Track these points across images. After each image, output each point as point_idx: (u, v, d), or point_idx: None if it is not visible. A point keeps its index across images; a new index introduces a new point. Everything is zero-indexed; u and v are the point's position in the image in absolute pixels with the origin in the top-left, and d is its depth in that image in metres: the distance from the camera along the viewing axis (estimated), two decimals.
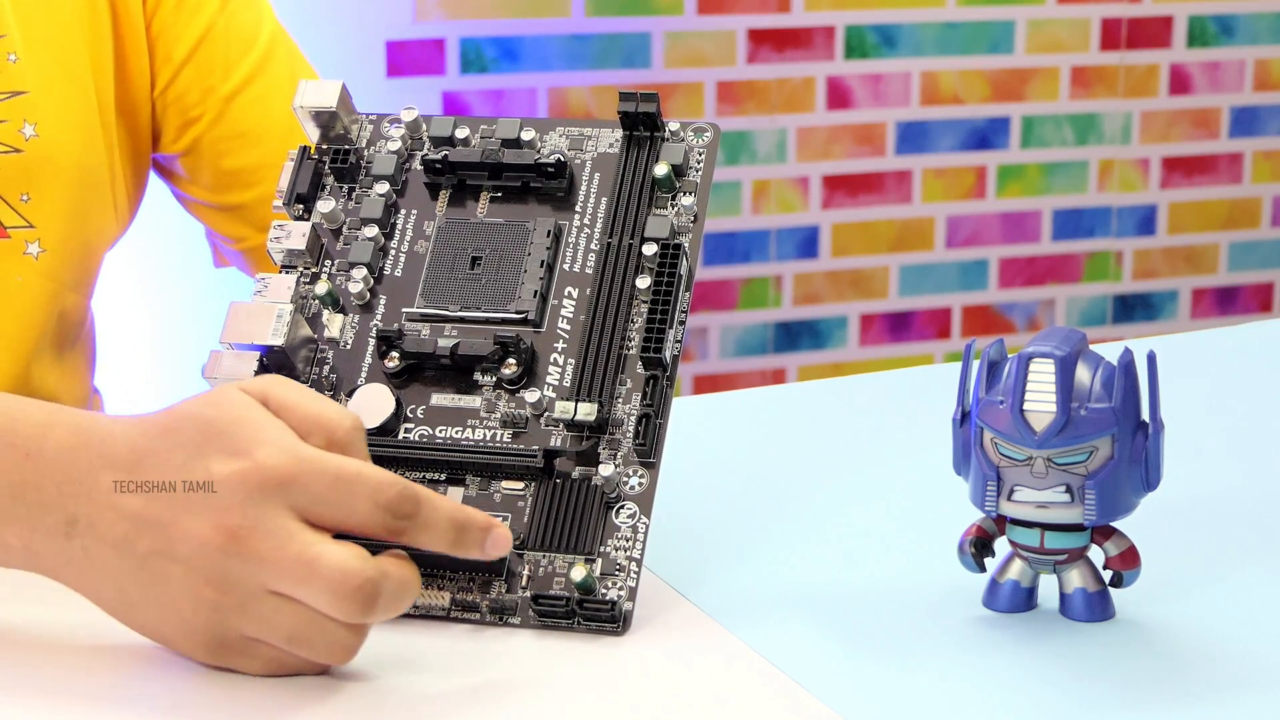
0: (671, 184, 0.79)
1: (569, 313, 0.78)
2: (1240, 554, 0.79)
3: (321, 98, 0.82)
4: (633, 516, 0.74)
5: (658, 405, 0.75)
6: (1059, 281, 2.52)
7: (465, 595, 0.73)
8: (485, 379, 0.77)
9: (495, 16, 2.23)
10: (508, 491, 0.75)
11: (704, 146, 0.80)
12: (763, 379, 2.41)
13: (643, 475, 0.74)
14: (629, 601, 0.72)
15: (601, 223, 0.79)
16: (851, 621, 0.73)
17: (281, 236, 0.80)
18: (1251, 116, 2.54)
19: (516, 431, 0.75)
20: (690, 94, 2.31)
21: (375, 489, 0.66)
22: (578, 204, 0.80)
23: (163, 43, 1.03)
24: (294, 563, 0.65)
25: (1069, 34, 2.44)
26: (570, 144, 0.81)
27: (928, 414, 0.88)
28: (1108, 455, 0.69)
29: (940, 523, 0.78)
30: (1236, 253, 2.58)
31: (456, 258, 0.79)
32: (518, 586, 0.73)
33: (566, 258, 0.79)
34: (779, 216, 2.38)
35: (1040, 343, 0.70)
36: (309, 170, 0.82)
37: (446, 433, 0.76)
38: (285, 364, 0.77)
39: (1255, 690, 0.67)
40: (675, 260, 0.77)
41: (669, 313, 0.76)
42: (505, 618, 0.73)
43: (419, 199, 0.81)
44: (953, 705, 0.66)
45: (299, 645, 0.66)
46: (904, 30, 2.38)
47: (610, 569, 0.73)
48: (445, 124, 0.82)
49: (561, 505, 0.74)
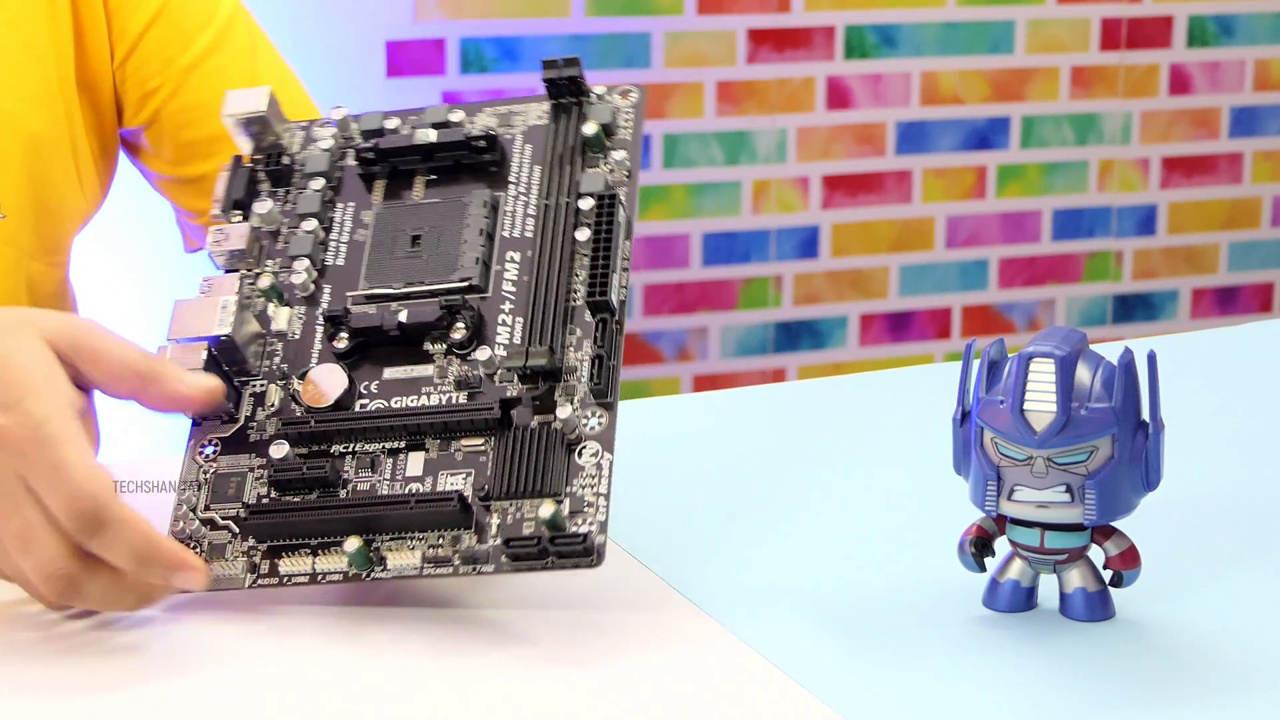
0: (602, 142, 0.80)
1: (513, 275, 0.78)
2: (1240, 554, 0.79)
3: (250, 104, 0.83)
4: (595, 455, 0.73)
5: (609, 347, 0.75)
6: (1059, 281, 2.52)
7: (435, 551, 0.73)
8: (436, 347, 0.77)
9: (495, 16, 2.23)
10: (468, 449, 0.75)
11: (631, 106, 0.82)
12: (763, 379, 2.41)
13: (601, 415, 0.74)
14: (600, 535, 0.71)
15: (536, 189, 0.80)
16: (851, 621, 0.73)
17: (222, 240, 0.80)
18: (1251, 116, 2.54)
19: (471, 392, 0.76)
20: (690, 94, 2.31)
21: (72, 495, 0.69)
22: (511, 175, 0.81)
23: (119, 15, 1.04)
24: (14, 535, 0.70)
25: (1069, 34, 2.44)
26: (499, 121, 0.82)
27: (928, 414, 0.88)
28: (1108, 455, 0.69)
29: (940, 523, 0.78)
30: (1236, 253, 2.58)
31: (396, 239, 0.80)
32: (488, 537, 0.72)
33: (505, 225, 0.80)
34: (779, 216, 2.38)
35: (1040, 342, 0.70)
36: (243, 177, 0.82)
37: (402, 402, 0.76)
38: (235, 357, 0.77)
39: (1255, 690, 0.67)
40: (612, 210, 0.77)
41: (611, 259, 0.77)
42: (478, 567, 0.72)
43: (355, 193, 0.82)
44: (953, 705, 0.66)
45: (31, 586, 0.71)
46: (904, 30, 2.38)
47: (579, 506, 0.72)
48: (374, 119, 0.83)
49: (522, 453, 0.73)
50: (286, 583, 0.73)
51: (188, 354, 0.76)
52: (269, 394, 0.77)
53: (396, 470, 0.75)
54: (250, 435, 0.77)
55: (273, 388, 0.77)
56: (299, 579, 0.73)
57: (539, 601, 0.75)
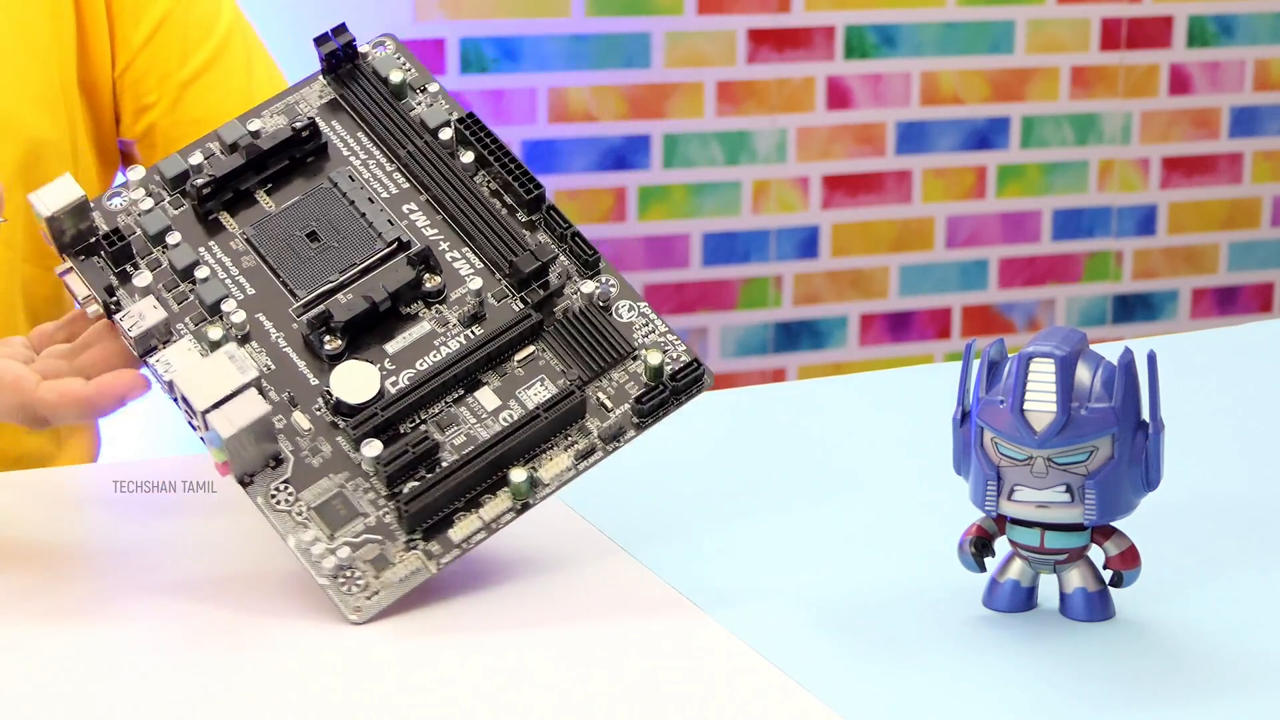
0: (405, 88, 0.83)
1: (424, 221, 0.80)
2: (1240, 554, 0.79)
3: (66, 195, 0.77)
4: (632, 309, 0.78)
5: (566, 224, 0.79)
6: (1059, 281, 2.52)
7: (576, 446, 0.75)
8: (414, 307, 0.78)
9: (495, 16, 2.23)
10: (526, 361, 0.77)
11: (396, 52, 0.84)
12: (763, 379, 2.40)
13: (605, 278, 0.78)
14: (696, 359, 0.77)
15: (379, 150, 0.82)
16: (851, 621, 0.73)
17: (136, 322, 0.76)
18: (1251, 116, 2.54)
19: (481, 322, 0.78)
20: (690, 94, 2.31)
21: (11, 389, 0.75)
22: (344, 149, 0.82)
23: (121, 25, 1.04)
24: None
25: (1069, 34, 2.44)
26: (289, 116, 0.83)
27: (928, 414, 0.88)
28: (1108, 455, 0.69)
29: (940, 523, 0.78)
30: (1236, 253, 2.58)
31: (293, 245, 0.79)
32: (610, 413, 0.76)
33: (378, 190, 0.81)
34: (779, 216, 2.38)
35: (1040, 342, 0.70)
36: (95, 269, 0.78)
37: (427, 362, 0.77)
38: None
39: (1255, 690, 0.67)
40: (477, 126, 0.81)
41: (511, 164, 0.80)
42: (620, 439, 0.76)
43: (205, 234, 0.80)
44: (953, 705, 0.66)
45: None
46: (904, 30, 2.38)
47: (659, 348, 0.77)
48: (174, 163, 0.81)
49: (579, 336, 0.77)
50: (467, 547, 0.74)
51: (244, 406, 0.73)
52: (297, 421, 0.76)
53: (477, 412, 0.76)
54: (309, 460, 0.76)
55: (297, 415, 0.77)
56: (477, 537, 0.74)
57: (538, 601, 0.75)
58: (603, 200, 2.29)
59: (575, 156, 2.28)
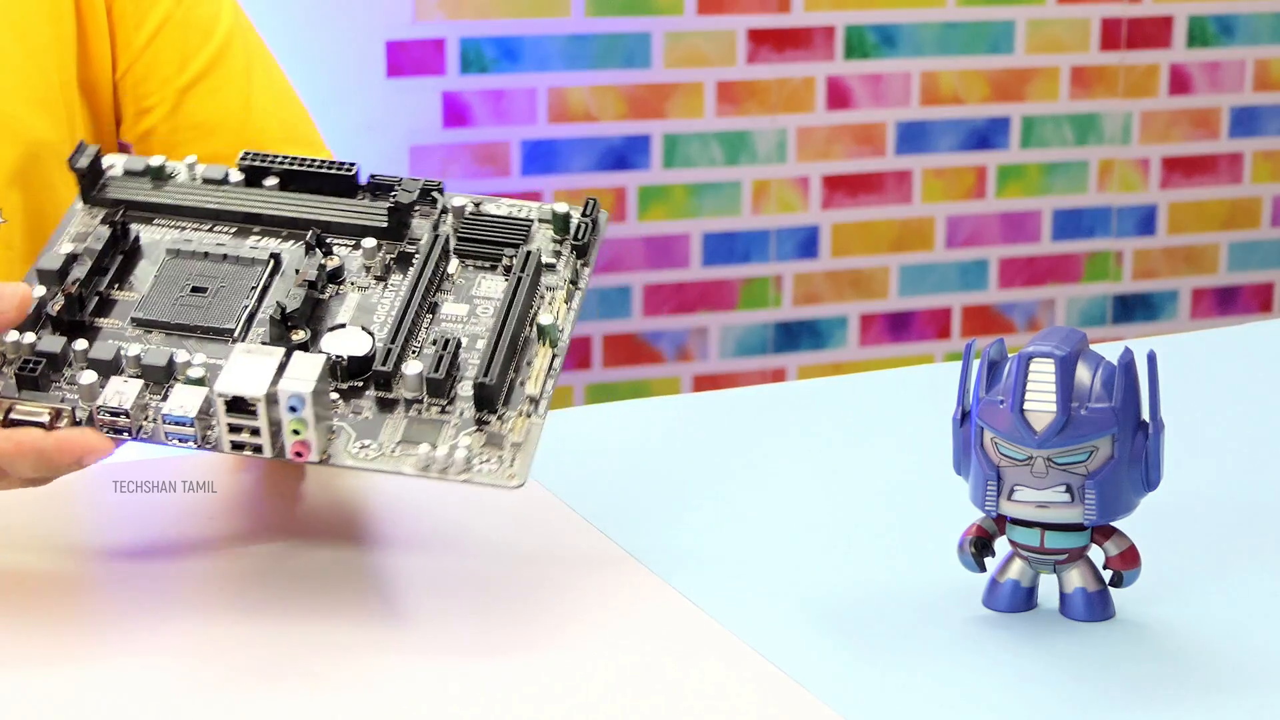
0: (162, 170, 0.83)
1: (275, 242, 0.81)
2: (1240, 554, 0.79)
3: None
4: (498, 206, 0.82)
5: (395, 178, 0.81)
6: (1059, 281, 2.52)
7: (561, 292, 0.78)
8: (330, 289, 0.79)
9: (495, 16, 2.23)
10: (459, 273, 0.79)
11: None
12: (763, 379, 2.40)
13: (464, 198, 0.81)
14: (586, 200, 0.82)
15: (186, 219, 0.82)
16: (851, 621, 0.73)
17: (119, 405, 0.75)
18: (1251, 116, 2.54)
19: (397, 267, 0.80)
20: (690, 94, 2.31)
21: None
22: (157, 233, 0.82)
23: (122, 28, 1.04)
24: None
25: (1069, 34, 2.44)
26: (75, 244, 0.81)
27: (928, 414, 0.88)
28: (1108, 455, 0.69)
29: (940, 523, 0.78)
30: (1236, 253, 2.58)
31: (184, 304, 0.78)
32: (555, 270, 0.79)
33: (213, 243, 0.81)
34: (779, 216, 2.38)
35: (1040, 342, 0.70)
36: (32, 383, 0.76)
37: (382, 314, 0.78)
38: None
39: (1255, 690, 0.67)
40: (259, 158, 0.82)
41: (312, 164, 0.81)
42: (580, 279, 0.79)
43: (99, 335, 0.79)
44: (953, 705, 0.66)
45: None
46: (904, 30, 2.38)
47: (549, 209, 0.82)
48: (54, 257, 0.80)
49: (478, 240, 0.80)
50: (549, 394, 0.76)
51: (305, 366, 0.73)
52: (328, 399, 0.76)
53: (458, 319, 0.78)
54: (364, 416, 0.74)
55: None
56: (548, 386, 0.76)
57: (537, 601, 0.75)
58: (603, 200, 2.29)
59: (575, 156, 2.28)
